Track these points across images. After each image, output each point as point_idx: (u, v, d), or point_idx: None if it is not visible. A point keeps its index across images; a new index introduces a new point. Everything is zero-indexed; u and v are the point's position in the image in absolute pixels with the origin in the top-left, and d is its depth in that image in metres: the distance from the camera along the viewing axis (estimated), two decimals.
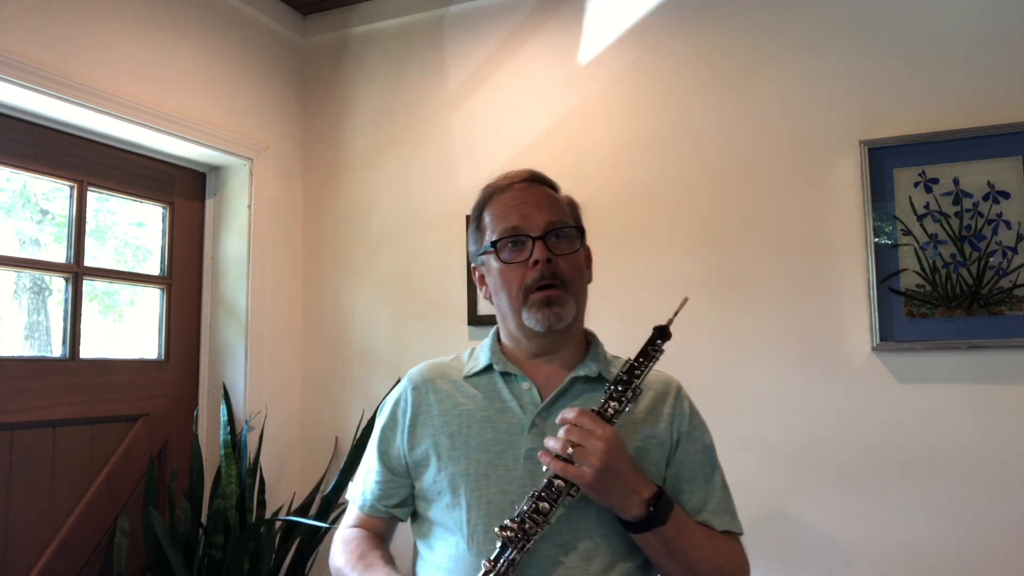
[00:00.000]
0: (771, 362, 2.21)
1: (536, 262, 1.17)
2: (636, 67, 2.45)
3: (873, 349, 2.10)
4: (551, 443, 1.08)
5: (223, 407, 2.48)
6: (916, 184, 2.09)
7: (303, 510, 2.50)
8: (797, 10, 2.27)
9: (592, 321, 2.40)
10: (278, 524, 2.45)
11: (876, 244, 2.10)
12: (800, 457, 2.15)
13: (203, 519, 2.38)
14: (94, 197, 2.37)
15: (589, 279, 1.29)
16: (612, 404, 1.11)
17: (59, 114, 2.17)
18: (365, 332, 2.77)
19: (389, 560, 1.20)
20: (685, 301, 1.19)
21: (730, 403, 2.24)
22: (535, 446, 1.13)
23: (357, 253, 2.82)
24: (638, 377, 1.12)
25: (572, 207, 1.29)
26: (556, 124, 2.55)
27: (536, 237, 1.18)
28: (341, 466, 2.50)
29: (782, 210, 2.24)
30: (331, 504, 2.46)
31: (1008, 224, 2.00)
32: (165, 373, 2.53)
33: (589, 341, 1.30)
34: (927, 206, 2.08)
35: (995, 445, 1.98)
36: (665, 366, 2.48)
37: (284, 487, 2.71)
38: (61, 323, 2.25)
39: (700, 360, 2.28)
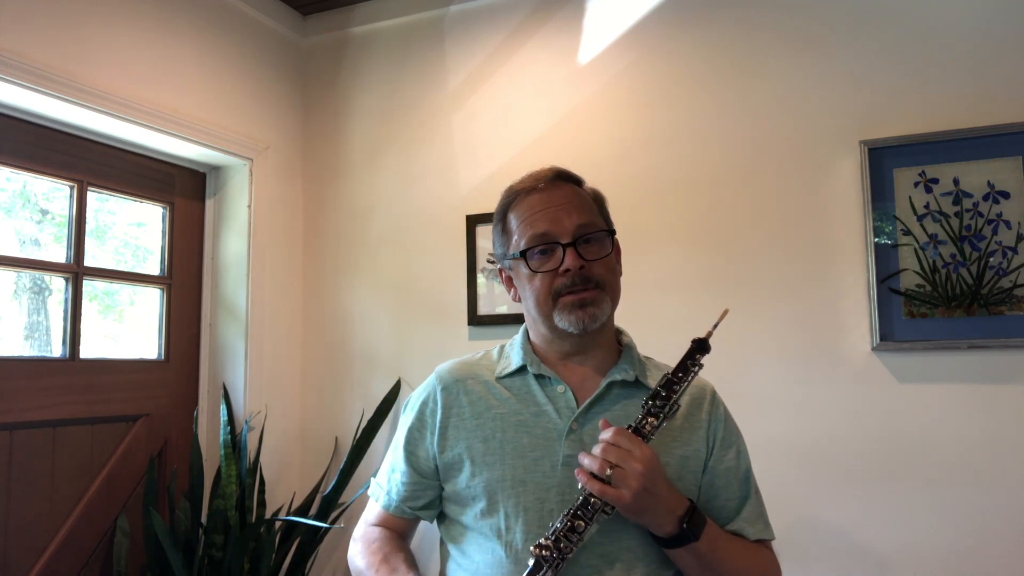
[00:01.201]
0: (771, 362, 2.21)
1: (568, 270, 1.14)
2: (636, 67, 2.45)
3: (873, 349, 2.10)
4: (587, 461, 1.05)
5: (223, 407, 2.48)
6: (916, 184, 2.09)
7: (303, 510, 2.50)
8: (797, 10, 2.27)
9: None
10: (278, 524, 2.45)
11: (876, 244, 2.10)
12: (800, 457, 2.15)
13: (203, 519, 2.38)
14: (94, 197, 2.37)
15: (620, 273, 1.25)
16: (650, 420, 1.08)
17: (59, 114, 2.17)
18: (365, 332, 2.77)
19: (413, 565, 1.18)
20: (725, 313, 1.17)
21: (730, 403, 2.22)
22: (572, 452, 1.12)
23: (357, 253, 2.82)
24: (676, 392, 1.10)
25: (599, 202, 1.26)
26: (556, 124, 2.55)
27: (567, 244, 1.15)
28: (341, 466, 2.50)
29: (782, 210, 2.24)
30: (331, 504, 2.46)
31: (1008, 224, 2.00)
32: (165, 373, 2.53)
33: (620, 341, 1.28)
34: (927, 206, 2.08)
35: (995, 445, 1.98)
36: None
37: (284, 487, 2.71)
38: (61, 323, 2.25)
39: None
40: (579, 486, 1.06)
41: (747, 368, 2.23)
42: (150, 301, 2.56)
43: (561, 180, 1.23)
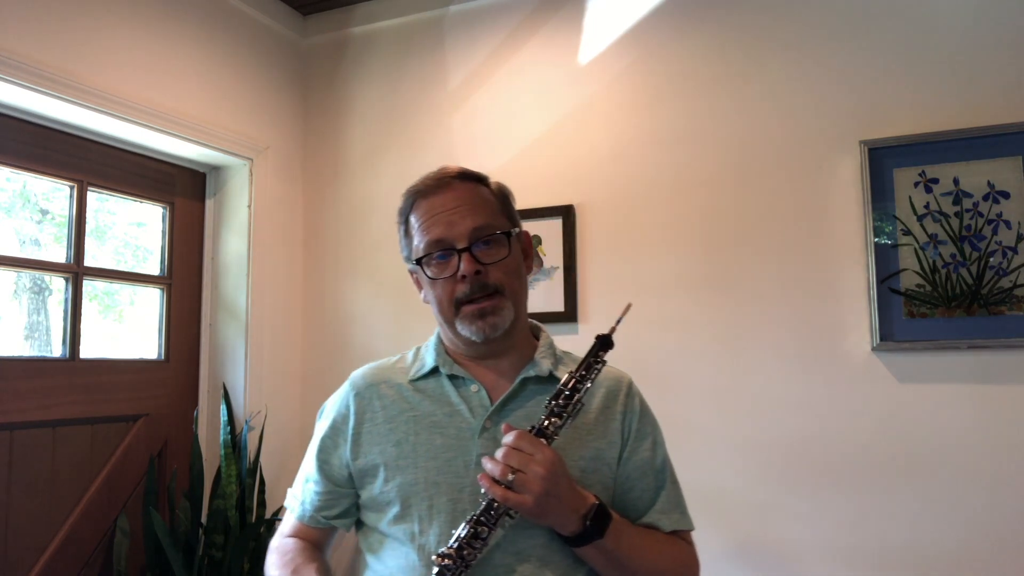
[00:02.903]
0: (771, 362, 2.21)
1: (464, 276, 1.12)
2: (636, 67, 2.45)
3: (873, 349, 2.10)
4: (490, 466, 1.04)
5: (223, 407, 2.48)
6: (916, 184, 2.09)
7: None
8: (797, 10, 2.27)
9: (591, 321, 2.41)
10: (278, 524, 2.45)
11: (876, 244, 2.10)
12: (800, 457, 2.15)
13: (203, 519, 2.38)
14: (94, 197, 2.37)
15: (529, 268, 1.23)
16: (553, 420, 1.06)
17: (59, 114, 2.17)
18: (365, 332, 2.77)
19: (325, 574, 1.15)
20: (628, 308, 1.14)
21: (730, 403, 2.24)
22: (486, 451, 1.09)
23: (357, 253, 2.82)
24: (579, 391, 1.08)
25: (503, 200, 1.22)
26: (556, 124, 2.55)
27: (462, 250, 1.12)
28: None
29: (782, 210, 2.24)
30: None
31: (1008, 224, 2.00)
32: (165, 373, 2.53)
33: (537, 336, 1.25)
34: (927, 206, 2.08)
35: (995, 445, 1.98)
36: (666, 366, 2.48)
37: (284, 487, 2.70)
38: (61, 323, 2.25)
39: (700, 360, 2.28)
40: (482, 491, 1.04)
41: (747, 368, 2.23)
42: (150, 301, 2.56)
43: (459, 180, 1.19)
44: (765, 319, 2.23)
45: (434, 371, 1.20)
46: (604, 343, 1.11)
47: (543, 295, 2.47)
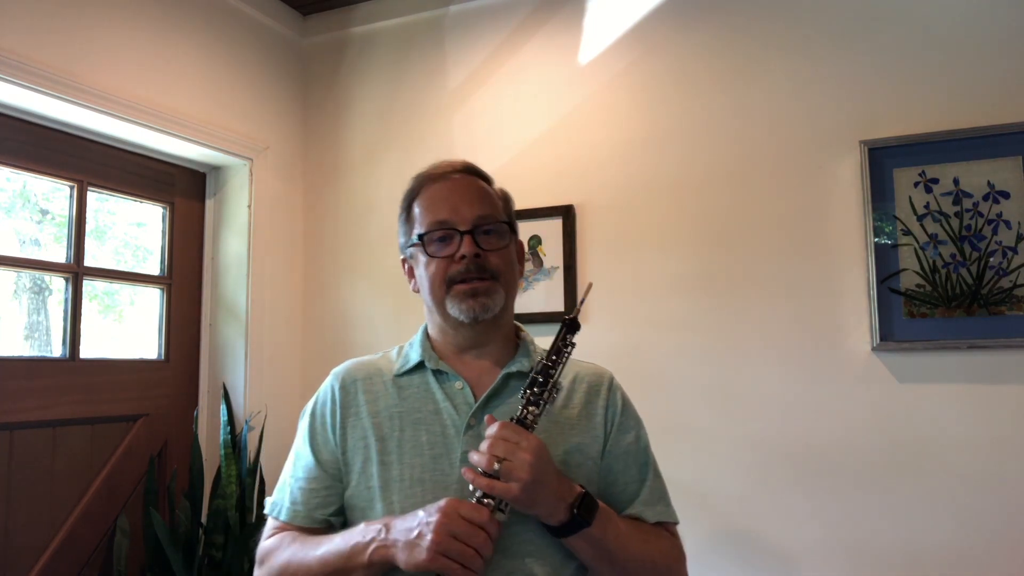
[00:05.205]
0: (771, 362, 2.21)
1: (463, 257, 1.14)
2: (636, 67, 2.45)
3: (873, 349, 2.10)
4: (476, 458, 1.04)
5: (223, 407, 2.48)
6: (916, 184, 2.09)
7: None
8: (797, 10, 2.27)
9: (592, 321, 2.41)
10: None
11: (876, 244, 2.10)
12: (800, 457, 2.15)
13: (203, 519, 2.38)
14: (94, 197, 2.37)
15: (520, 273, 1.26)
16: (531, 409, 1.07)
17: (59, 114, 2.17)
18: (365, 332, 2.77)
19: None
20: (590, 287, 1.18)
21: (730, 403, 2.24)
22: (471, 448, 1.08)
23: (357, 253, 2.82)
24: (552, 376, 1.09)
25: (506, 201, 1.26)
26: (556, 124, 2.55)
27: (464, 232, 1.15)
28: None
29: (782, 210, 2.24)
30: None
31: (1008, 224, 2.00)
32: (165, 373, 2.53)
33: (519, 335, 1.27)
34: (927, 206, 2.08)
35: (995, 445, 1.98)
36: (665, 366, 2.48)
37: None
38: (61, 323, 2.25)
39: (700, 360, 2.28)
40: (470, 487, 1.04)
41: (747, 368, 2.23)
42: (150, 301, 2.56)
43: (469, 173, 1.24)
44: (765, 319, 2.23)
45: (418, 366, 1.21)
46: (571, 326, 1.11)
47: (543, 295, 2.47)
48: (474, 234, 1.16)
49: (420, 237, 1.18)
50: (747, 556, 2.18)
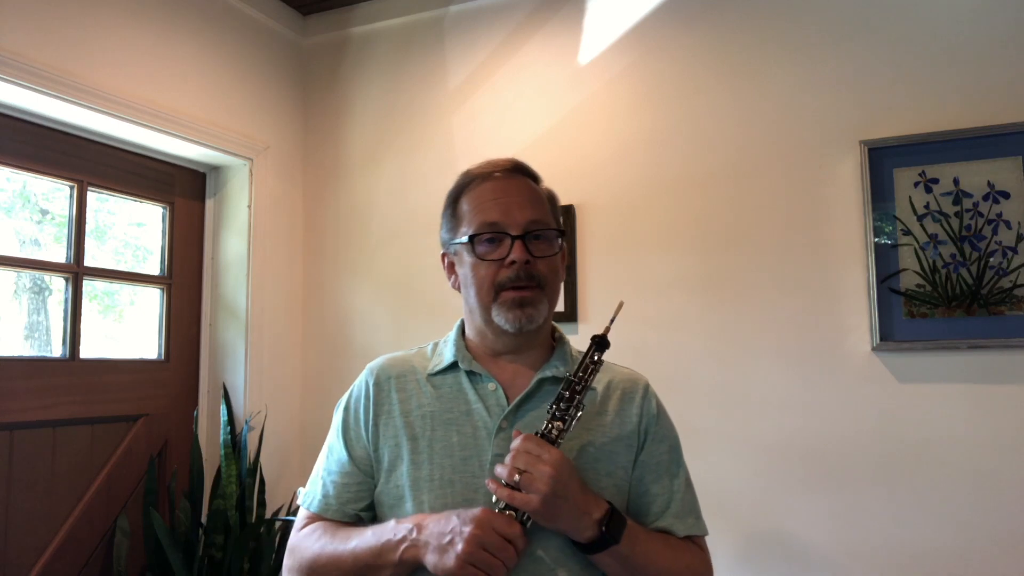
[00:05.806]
0: (771, 362, 2.21)
1: (513, 262, 1.13)
2: (636, 67, 2.45)
3: (873, 349, 2.10)
4: (499, 470, 1.04)
5: (223, 407, 2.48)
6: (916, 184, 2.09)
7: None
8: (797, 10, 2.27)
9: (592, 321, 2.41)
10: (278, 524, 2.45)
11: (876, 244, 2.10)
12: (800, 457, 2.15)
13: (203, 519, 2.38)
14: (94, 197, 2.37)
15: (562, 277, 1.25)
16: (556, 424, 1.06)
17: (59, 114, 2.17)
18: (365, 332, 2.77)
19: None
20: (620, 306, 1.16)
21: (730, 403, 2.24)
22: (501, 452, 1.09)
23: (357, 253, 2.82)
24: (580, 393, 1.08)
25: (552, 202, 1.24)
26: (556, 124, 2.55)
27: (516, 236, 1.13)
28: None
29: (782, 210, 2.24)
30: None
31: (1008, 224, 2.00)
32: (165, 373, 2.53)
33: (555, 338, 1.26)
34: (927, 206, 2.08)
35: (995, 445, 1.98)
36: (665, 366, 2.48)
37: (284, 487, 2.71)
38: (61, 323, 2.25)
39: (700, 360, 2.28)
40: (493, 499, 1.04)
41: (747, 368, 2.23)
42: (150, 301, 2.56)
43: (519, 173, 1.22)
44: (765, 319, 2.23)
45: (452, 366, 1.20)
46: (601, 344, 1.11)
47: None
48: (525, 239, 1.14)
49: (470, 238, 1.15)
50: (745, 554, 2.18)
